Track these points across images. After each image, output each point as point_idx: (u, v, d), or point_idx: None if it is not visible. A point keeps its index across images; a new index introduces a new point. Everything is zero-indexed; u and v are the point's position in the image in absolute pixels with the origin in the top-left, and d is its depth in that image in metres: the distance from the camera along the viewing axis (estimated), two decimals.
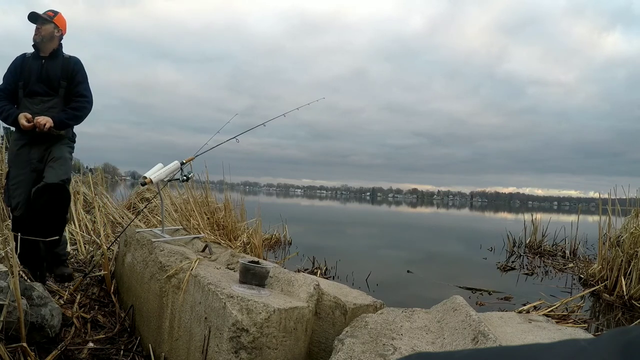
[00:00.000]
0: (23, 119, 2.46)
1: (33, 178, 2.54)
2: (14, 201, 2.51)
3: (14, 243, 2.03)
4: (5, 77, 2.67)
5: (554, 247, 7.11)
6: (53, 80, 2.64)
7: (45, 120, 2.47)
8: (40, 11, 2.67)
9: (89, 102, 2.76)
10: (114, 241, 3.43)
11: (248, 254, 3.67)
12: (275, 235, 6.46)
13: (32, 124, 2.45)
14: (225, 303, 1.51)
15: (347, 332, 1.53)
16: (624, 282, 3.91)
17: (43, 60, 2.65)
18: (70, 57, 2.76)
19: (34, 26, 2.63)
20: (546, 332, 1.55)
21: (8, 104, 2.60)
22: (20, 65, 2.66)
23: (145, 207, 4.90)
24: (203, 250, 2.48)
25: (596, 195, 5.29)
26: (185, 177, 2.57)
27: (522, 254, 6.84)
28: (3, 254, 2.05)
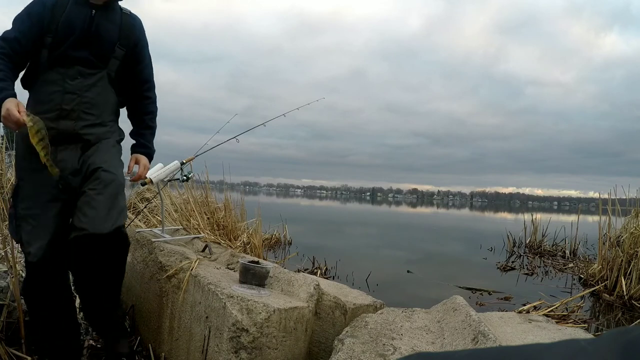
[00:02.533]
0: (13, 105, 1.41)
1: (59, 208, 1.57)
2: (28, 239, 1.53)
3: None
4: (17, 22, 1.59)
5: (554, 247, 7.11)
6: (105, 43, 1.67)
7: (145, 170, 1.84)
8: None
9: (155, 102, 1.95)
10: None
11: (248, 254, 3.67)
12: (275, 235, 6.46)
13: (19, 120, 1.39)
14: (225, 303, 1.51)
15: (347, 332, 1.53)
16: (624, 282, 3.91)
17: (93, 12, 1.63)
18: (131, 14, 1.79)
19: None
20: (546, 332, 1.55)
21: (4, 69, 1.51)
22: (50, 9, 1.58)
23: (145, 207, 4.90)
24: (203, 250, 2.48)
25: (596, 195, 5.29)
26: (185, 177, 2.57)
27: (522, 254, 6.84)
28: (3, 254, 2.05)
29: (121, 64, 1.73)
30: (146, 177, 2.40)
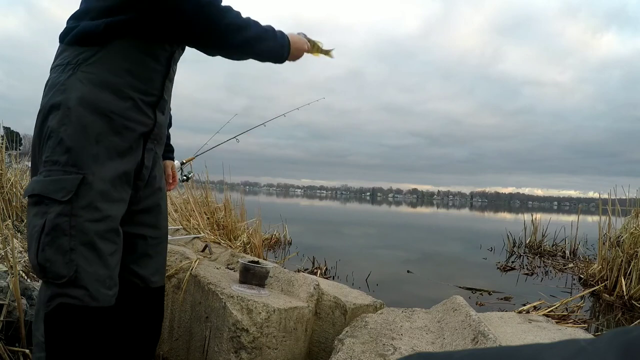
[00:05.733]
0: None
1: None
2: (108, 272, 1.05)
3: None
4: None
5: (554, 247, 7.11)
6: None
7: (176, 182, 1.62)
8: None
9: None
10: None
11: (248, 254, 3.67)
12: (275, 235, 6.46)
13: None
14: (225, 303, 1.51)
15: (347, 332, 1.53)
16: (624, 282, 3.91)
17: None
18: None
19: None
20: (546, 332, 1.55)
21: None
22: None
23: None
24: (203, 250, 2.48)
25: (596, 195, 5.30)
26: (185, 177, 2.57)
27: (522, 254, 6.84)
28: (3, 254, 2.05)
29: None
30: None
